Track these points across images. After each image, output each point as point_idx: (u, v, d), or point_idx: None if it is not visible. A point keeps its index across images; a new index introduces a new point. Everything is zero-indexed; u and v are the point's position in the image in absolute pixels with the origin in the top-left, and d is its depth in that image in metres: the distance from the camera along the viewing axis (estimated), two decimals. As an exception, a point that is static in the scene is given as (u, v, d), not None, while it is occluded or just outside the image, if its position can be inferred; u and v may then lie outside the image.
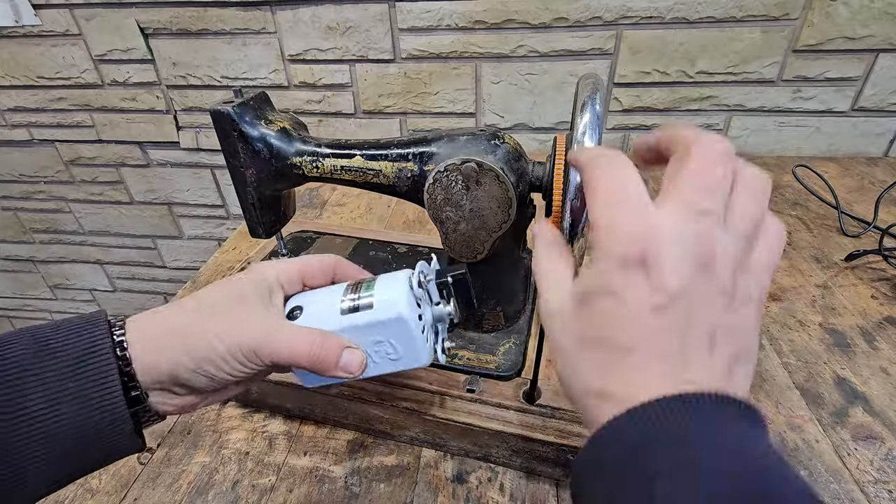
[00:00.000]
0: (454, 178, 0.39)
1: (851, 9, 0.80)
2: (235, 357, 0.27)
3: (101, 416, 0.24)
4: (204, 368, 0.26)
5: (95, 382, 0.24)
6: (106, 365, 0.24)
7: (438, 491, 0.40)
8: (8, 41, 1.04)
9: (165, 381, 0.26)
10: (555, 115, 0.97)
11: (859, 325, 0.54)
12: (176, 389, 0.27)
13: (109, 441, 0.25)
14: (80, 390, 0.23)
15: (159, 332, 0.26)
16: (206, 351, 0.26)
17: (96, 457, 0.25)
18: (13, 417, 0.22)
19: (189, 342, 0.26)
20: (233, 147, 0.44)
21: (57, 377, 0.23)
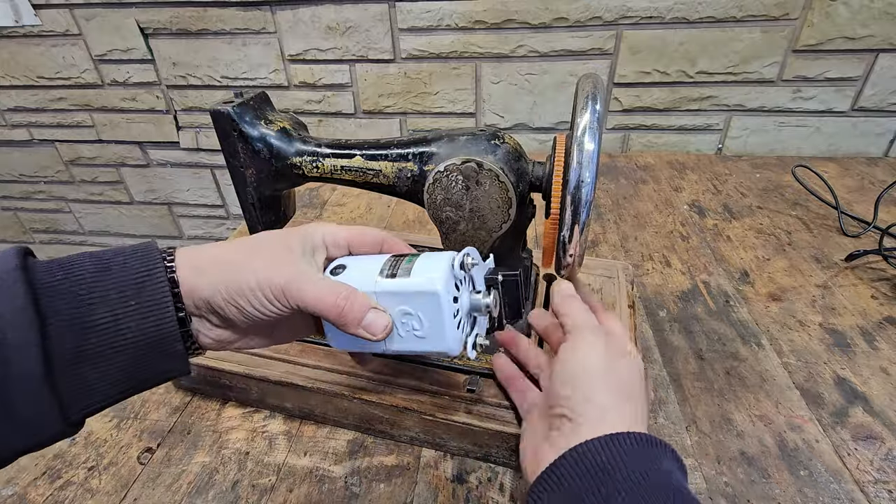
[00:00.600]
0: (454, 178, 0.39)
1: (851, 9, 0.80)
2: (264, 293, 0.28)
3: (157, 332, 0.26)
4: (235, 300, 0.28)
5: (152, 301, 0.26)
6: (161, 287, 0.26)
7: (438, 491, 0.40)
8: (8, 41, 1.04)
9: (202, 306, 0.28)
10: (555, 115, 0.97)
11: (859, 325, 0.54)
12: (211, 318, 0.29)
13: (162, 358, 0.27)
14: (139, 307, 0.25)
15: (203, 262, 0.28)
16: (240, 283, 0.28)
17: (150, 373, 0.27)
18: (82, 329, 0.24)
19: (227, 273, 0.28)
20: (233, 147, 0.44)
21: (119, 295, 0.25)
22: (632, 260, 0.66)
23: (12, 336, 0.22)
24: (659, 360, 0.51)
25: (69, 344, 0.24)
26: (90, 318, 0.24)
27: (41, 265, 0.25)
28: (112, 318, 0.25)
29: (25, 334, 0.22)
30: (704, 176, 0.87)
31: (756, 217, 0.74)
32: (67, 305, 0.24)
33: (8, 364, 0.22)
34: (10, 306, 0.23)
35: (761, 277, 0.62)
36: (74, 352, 0.24)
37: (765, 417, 0.45)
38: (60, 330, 0.24)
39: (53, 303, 0.24)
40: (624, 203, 0.80)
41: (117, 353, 0.25)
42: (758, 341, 0.53)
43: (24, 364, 0.22)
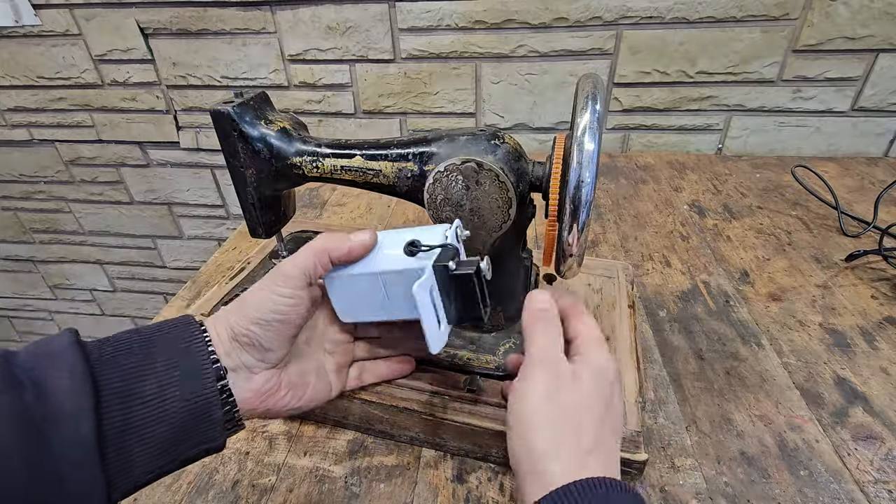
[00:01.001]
0: (454, 178, 0.39)
1: (851, 9, 0.80)
2: (268, 288, 0.31)
3: (198, 398, 0.27)
4: (251, 316, 0.30)
5: (194, 368, 0.27)
6: (201, 352, 0.28)
7: (438, 491, 0.40)
8: (8, 41, 1.04)
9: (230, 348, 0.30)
10: (555, 115, 0.97)
11: (859, 325, 0.54)
12: (245, 358, 0.30)
13: (200, 428, 0.28)
14: (183, 376, 0.27)
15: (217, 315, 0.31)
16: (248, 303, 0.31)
17: (187, 446, 0.28)
18: (130, 399, 0.25)
19: (236, 308, 0.31)
20: (233, 147, 0.44)
21: (165, 366, 0.27)
22: (632, 260, 0.66)
23: (70, 403, 0.23)
24: (659, 360, 0.51)
25: (117, 414, 0.25)
26: (138, 388, 0.26)
27: (92, 343, 0.27)
28: (158, 388, 0.26)
29: (82, 401, 0.23)
30: (704, 176, 0.87)
31: (756, 217, 0.74)
32: (118, 376, 0.25)
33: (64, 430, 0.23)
34: (69, 375, 0.24)
35: (761, 277, 0.62)
36: (122, 422, 0.25)
37: (765, 417, 0.45)
38: (111, 399, 0.25)
39: (105, 373, 0.25)
40: (624, 203, 0.80)
41: (160, 424, 0.26)
42: (758, 341, 0.53)
43: (79, 431, 0.23)
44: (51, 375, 0.23)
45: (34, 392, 0.23)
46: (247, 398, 0.30)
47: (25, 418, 0.22)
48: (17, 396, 0.22)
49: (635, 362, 0.44)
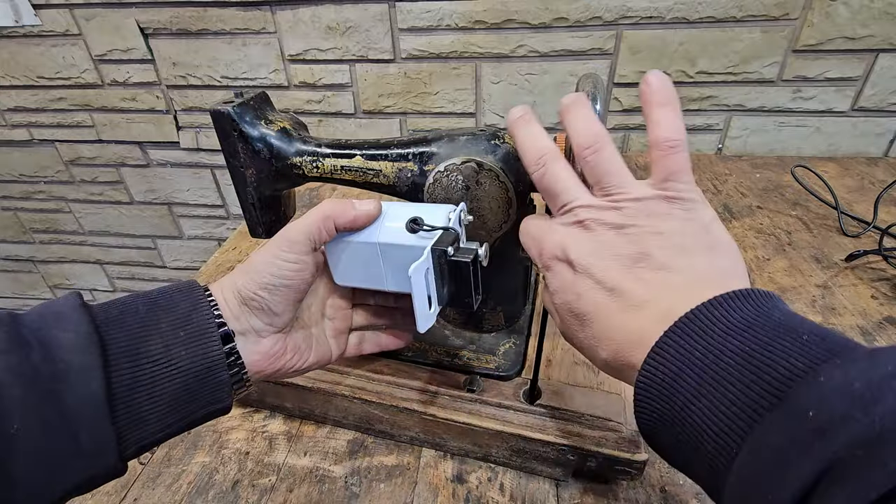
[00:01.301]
0: (454, 179, 0.39)
1: (851, 9, 0.80)
2: (273, 253, 0.31)
3: (204, 359, 0.28)
4: (257, 280, 0.31)
5: (199, 330, 0.28)
6: (206, 316, 0.29)
7: (438, 491, 0.40)
8: (8, 41, 1.04)
9: (239, 312, 0.30)
10: (555, 115, 0.97)
11: (859, 325, 0.54)
12: (254, 322, 0.31)
13: (208, 389, 0.28)
14: (187, 337, 0.28)
15: (224, 278, 0.32)
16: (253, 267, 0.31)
17: (196, 406, 0.28)
18: (137, 357, 0.26)
19: (242, 273, 0.32)
20: (233, 147, 0.44)
21: (170, 327, 0.27)
22: (632, 260, 0.66)
23: (78, 361, 0.24)
24: (659, 360, 0.51)
25: (126, 372, 0.25)
26: (145, 348, 0.26)
27: (97, 305, 0.27)
28: (164, 348, 0.27)
29: (89, 359, 0.24)
30: (704, 176, 0.87)
31: (756, 217, 0.74)
32: (125, 336, 0.26)
33: (74, 387, 0.23)
34: (74, 334, 0.24)
35: (761, 277, 0.62)
36: (131, 380, 0.25)
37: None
38: (119, 358, 0.25)
39: (112, 333, 0.26)
40: (624, 203, 0.80)
41: (168, 382, 0.26)
42: (758, 341, 0.53)
43: (89, 387, 0.24)
44: (57, 335, 0.24)
45: (41, 351, 0.23)
46: (255, 360, 0.31)
47: (35, 377, 0.23)
48: (25, 356, 0.23)
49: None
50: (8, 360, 0.22)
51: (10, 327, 0.24)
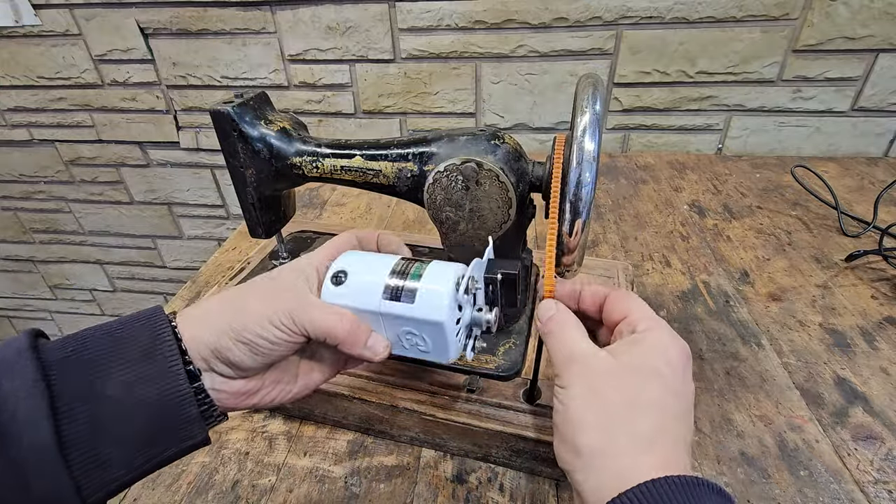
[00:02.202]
0: (454, 179, 0.39)
1: (851, 9, 0.80)
2: (272, 321, 0.28)
3: (170, 395, 0.26)
4: (243, 335, 0.28)
5: (162, 364, 0.26)
6: (170, 348, 0.26)
7: (438, 491, 0.40)
8: (8, 41, 1.04)
9: (209, 356, 0.28)
10: (555, 115, 0.97)
11: (859, 325, 0.54)
12: (222, 368, 0.28)
13: (178, 425, 0.26)
14: (150, 374, 0.26)
15: (204, 312, 0.29)
16: (245, 319, 0.28)
17: (167, 444, 0.27)
18: (95, 399, 0.24)
19: (230, 314, 0.28)
20: (233, 147, 0.44)
21: (131, 364, 0.26)
22: (632, 260, 0.66)
23: (23, 411, 0.23)
24: (659, 360, 0.51)
25: (82, 415, 0.24)
26: (103, 388, 0.25)
27: (52, 344, 0.25)
28: (124, 386, 0.25)
29: (36, 408, 0.23)
30: (704, 176, 0.87)
31: (756, 217, 0.74)
32: (79, 377, 0.24)
33: (21, 438, 0.22)
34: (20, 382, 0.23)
35: (761, 277, 0.62)
36: (88, 423, 0.24)
37: (765, 417, 0.45)
38: (72, 402, 0.24)
39: (65, 376, 0.24)
40: (624, 203, 0.80)
41: (131, 422, 0.25)
42: (758, 341, 0.53)
43: (35, 437, 0.23)
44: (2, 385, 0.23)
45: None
46: (224, 398, 0.29)
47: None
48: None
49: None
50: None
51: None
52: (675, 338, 0.29)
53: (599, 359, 0.28)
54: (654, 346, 0.28)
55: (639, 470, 0.23)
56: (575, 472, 0.26)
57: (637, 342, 0.29)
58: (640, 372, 0.27)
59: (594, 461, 0.25)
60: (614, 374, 0.27)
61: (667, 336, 0.29)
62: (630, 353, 0.28)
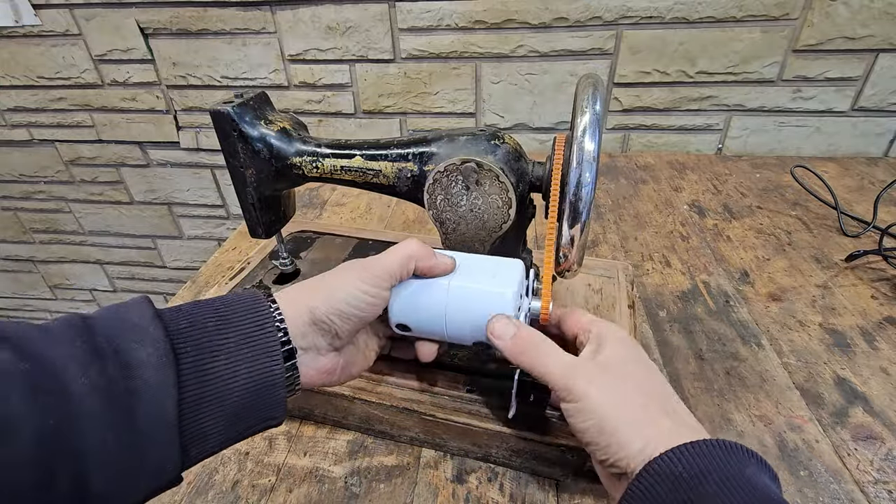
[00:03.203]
0: (454, 179, 0.39)
1: (851, 9, 0.80)
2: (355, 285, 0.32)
3: (265, 379, 0.28)
4: (333, 306, 0.31)
5: (263, 350, 0.28)
6: (271, 336, 0.29)
7: (438, 491, 0.40)
8: (8, 41, 1.04)
9: (307, 331, 0.31)
10: (555, 115, 0.97)
11: (859, 325, 0.54)
12: (319, 341, 0.31)
13: (264, 405, 0.28)
14: (253, 356, 0.27)
15: (296, 296, 0.32)
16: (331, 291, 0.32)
17: (252, 422, 0.28)
18: (204, 376, 0.26)
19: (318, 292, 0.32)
20: (233, 147, 0.44)
21: (235, 345, 0.27)
22: (632, 260, 0.66)
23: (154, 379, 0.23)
24: (659, 360, 0.51)
25: (193, 389, 0.25)
26: (212, 366, 0.26)
27: (168, 314, 0.27)
28: (229, 365, 0.27)
29: (165, 378, 0.24)
30: (704, 176, 0.87)
31: (756, 217, 0.74)
32: (194, 352, 0.26)
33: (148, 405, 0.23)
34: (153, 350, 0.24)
35: (761, 277, 0.62)
36: (197, 397, 0.25)
37: (765, 417, 0.45)
38: (188, 375, 0.25)
39: (183, 348, 0.25)
40: (624, 203, 0.80)
41: (230, 400, 0.26)
42: (758, 341, 0.53)
43: (163, 406, 0.24)
44: (135, 349, 0.24)
45: (117, 365, 0.23)
46: (311, 376, 0.32)
47: (111, 392, 0.22)
48: (102, 369, 0.22)
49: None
50: (87, 374, 0.22)
51: (87, 336, 0.23)
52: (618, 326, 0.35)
53: (590, 365, 0.31)
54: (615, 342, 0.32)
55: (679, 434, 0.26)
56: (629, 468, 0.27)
57: (602, 342, 0.32)
58: (624, 363, 0.31)
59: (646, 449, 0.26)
60: (610, 373, 0.30)
61: (614, 329, 0.34)
62: (605, 352, 0.32)
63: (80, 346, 0.23)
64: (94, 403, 0.22)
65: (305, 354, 0.31)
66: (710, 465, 0.24)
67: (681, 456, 0.25)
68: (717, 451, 0.25)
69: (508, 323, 0.33)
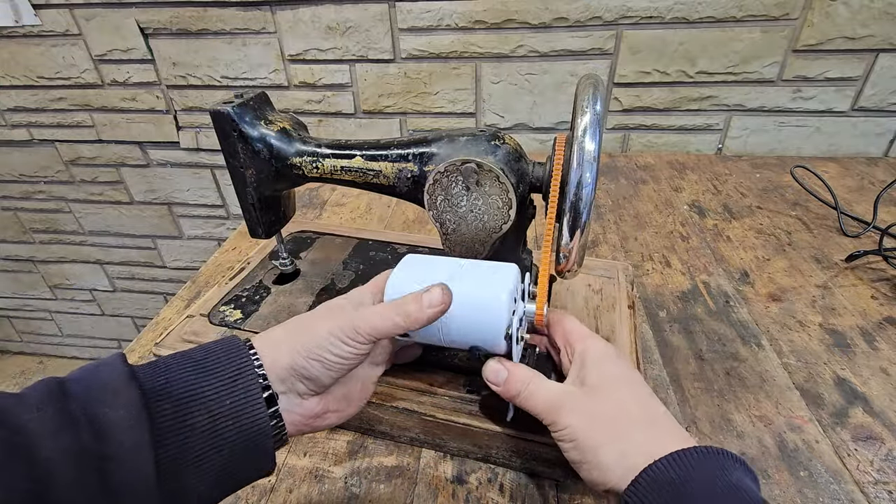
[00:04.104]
0: (454, 179, 0.39)
1: (851, 9, 0.80)
2: (340, 338, 0.30)
3: (250, 429, 0.27)
4: (315, 352, 0.30)
5: (245, 398, 0.27)
6: (252, 382, 0.28)
7: (438, 491, 0.40)
8: (8, 41, 1.04)
9: (287, 375, 0.30)
10: (555, 115, 0.97)
11: (859, 325, 0.54)
12: (298, 386, 0.30)
13: (253, 456, 0.28)
14: (233, 406, 0.27)
15: (276, 337, 0.31)
16: (315, 338, 0.30)
17: (241, 475, 0.28)
18: (183, 432, 0.25)
19: (300, 336, 0.31)
20: (233, 147, 0.44)
21: (215, 395, 0.26)
22: (632, 260, 0.66)
23: (128, 441, 0.23)
24: (659, 360, 0.51)
25: (172, 447, 0.25)
26: (191, 421, 0.25)
27: (143, 371, 0.26)
28: (210, 419, 0.26)
29: (139, 439, 0.23)
30: (704, 176, 0.87)
31: (756, 217, 0.74)
32: (171, 409, 0.25)
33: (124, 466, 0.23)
34: (125, 412, 0.23)
35: (761, 278, 0.62)
36: (176, 454, 0.25)
37: (765, 418, 0.45)
38: (165, 433, 0.25)
39: (159, 405, 0.25)
40: (624, 203, 0.80)
41: (215, 455, 0.26)
42: (758, 342, 0.53)
43: (139, 467, 0.23)
44: (107, 414, 0.23)
45: (91, 430, 0.23)
46: (296, 421, 0.31)
47: (84, 458, 0.22)
48: (75, 436, 0.22)
49: (635, 363, 0.44)
50: (60, 442, 0.22)
51: (60, 402, 0.23)
52: (599, 340, 0.36)
53: (573, 392, 0.33)
54: (598, 358, 0.34)
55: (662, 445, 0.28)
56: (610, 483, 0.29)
57: (584, 364, 0.34)
58: (606, 383, 0.33)
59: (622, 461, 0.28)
60: (592, 397, 0.32)
61: (594, 346, 0.35)
62: (588, 374, 0.33)
63: (53, 414, 0.23)
64: (68, 470, 0.22)
65: (286, 398, 0.30)
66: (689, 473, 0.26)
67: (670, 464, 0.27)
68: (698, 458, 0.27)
69: (500, 367, 0.35)
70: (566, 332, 0.37)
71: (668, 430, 0.30)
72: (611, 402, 0.32)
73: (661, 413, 0.31)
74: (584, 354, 0.35)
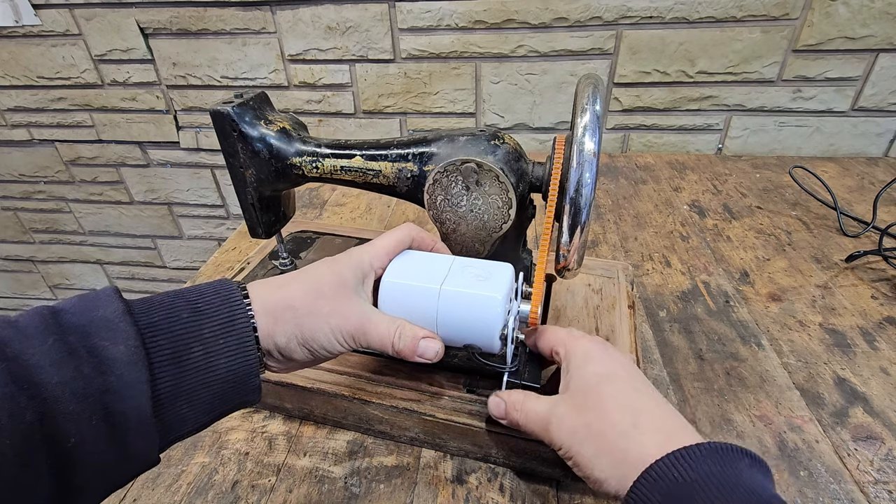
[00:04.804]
0: (454, 179, 0.39)
1: (851, 9, 0.80)
2: (337, 339, 0.32)
3: (240, 368, 0.28)
4: (309, 344, 0.31)
5: (238, 341, 0.28)
6: (246, 328, 0.29)
7: (438, 491, 0.40)
8: (8, 41, 1.04)
9: (273, 349, 0.31)
10: (555, 115, 0.97)
11: (859, 325, 0.54)
12: (278, 355, 0.31)
13: (242, 390, 0.29)
14: (227, 346, 0.28)
15: (276, 305, 0.31)
16: (315, 329, 0.31)
17: (230, 405, 0.29)
18: (180, 367, 0.26)
19: (301, 318, 0.31)
20: (233, 147, 0.44)
21: (212, 335, 0.28)
22: (632, 260, 0.66)
23: (128, 375, 0.24)
24: (659, 360, 0.51)
25: (169, 380, 0.26)
26: (187, 356, 0.26)
27: (139, 306, 0.27)
28: (205, 356, 0.27)
29: (138, 374, 0.24)
30: (704, 176, 0.87)
31: (756, 217, 0.74)
32: (169, 344, 0.26)
33: (124, 400, 0.24)
34: (124, 348, 0.24)
35: (761, 277, 0.62)
36: (173, 387, 0.26)
37: (765, 418, 0.45)
38: (163, 366, 0.26)
39: (156, 340, 0.26)
40: (624, 203, 0.80)
41: (207, 388, 0.27)
42: (758, 341, 0.53)
43: (137, 400, 0.24)
44: (107, 347, 0.24)
45: (92, 363, 0.23)
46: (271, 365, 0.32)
47: (87, 391, 0.23)
48: (76, 369, 0.23)
49: (635, 363, 0.44)
50: (62, 375, 0.22)
51: (58, 335, 0.24)
52: (583, 336, 0.36)
53: (558, 405, 0.33)
54: (580, 360, 0.34)
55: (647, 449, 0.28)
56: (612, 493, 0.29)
57: (568, 368, 0.34)
58: (588, 386, 0.33)
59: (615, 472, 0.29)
60: (576, 406, 0.32)
61: (579, 343, 0.35)
62: (571, 379, 0.34)
63: (53, 344, 0.23)
64: (71, 403, 0.22)
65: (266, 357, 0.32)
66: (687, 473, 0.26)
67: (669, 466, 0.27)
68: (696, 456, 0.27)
69: (498, 401, 0.37)
70: (549, 343, 0.37)
71: (653, 427, 0.30)
72: (594, 409, 0.31)
73: (646, 407, 0.31)
74: (568, 358, 0.35)
